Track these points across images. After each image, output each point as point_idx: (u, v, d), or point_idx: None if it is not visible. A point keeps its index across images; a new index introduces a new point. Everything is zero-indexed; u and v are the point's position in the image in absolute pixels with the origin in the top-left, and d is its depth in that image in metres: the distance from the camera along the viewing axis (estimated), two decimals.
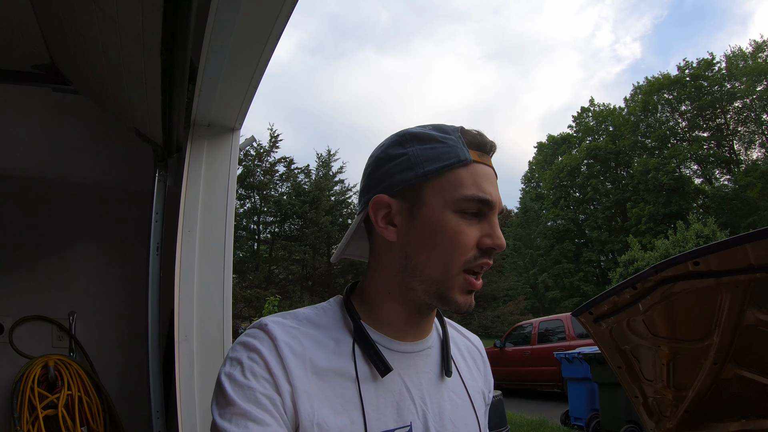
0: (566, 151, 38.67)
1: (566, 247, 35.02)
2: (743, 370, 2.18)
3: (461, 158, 0.89)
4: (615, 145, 35.09)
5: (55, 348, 2.52)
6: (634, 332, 2.43)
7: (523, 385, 12.85)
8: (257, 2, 1.40)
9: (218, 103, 1.99)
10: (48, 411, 2.19)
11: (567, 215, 37.09)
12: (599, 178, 36.11)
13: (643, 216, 31.95)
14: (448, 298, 0.88)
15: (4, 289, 2.55)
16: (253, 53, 1.66)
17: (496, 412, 6.35)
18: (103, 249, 2.68)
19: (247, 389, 0.79)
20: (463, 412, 0.97)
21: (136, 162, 2.38)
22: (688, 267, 2.04)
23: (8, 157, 2.57)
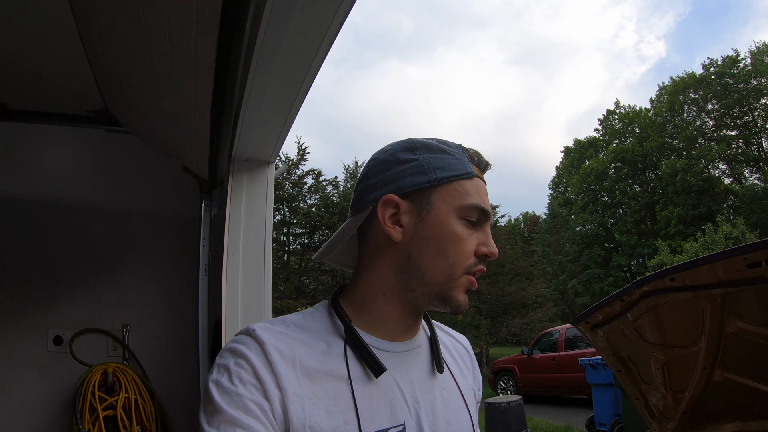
0: (593, 154, 38.22)
1: (596, 252, 34.51)
2: (732, 374, 2.32)
3: (468, 171, 0.96)
4: (642, 147, 34.52)
5: (110, 357, 2.79)
6: (629, 339, 2.59)
7: (551, 391, 12.90)
8: (294, 54, 1.56)
9: (255, 141, 2.25)
10: (107, 412, 2.46)
11: (596, 220, 36.53)
12: (627, 181, 35.55)
13: (672, 219, 31.35)
14: (449, 298, 0.93)
15: (63, 305, 2.83)
16: (288, 99, 1.87)
17: (517, 416, 6.52)
18: (153, 269, 2.97)
19: (235, 396, 0.80)
20: (455, 410, 1.00)
21: (183, 192, 2.65)
22: (666, 282, 2.21)
23: (66, 189, 2.87)
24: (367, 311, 0.96)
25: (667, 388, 2.60)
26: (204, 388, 0.84)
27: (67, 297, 2.85)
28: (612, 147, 36.69)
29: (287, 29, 1.37)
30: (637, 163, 35.04)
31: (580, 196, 38.15)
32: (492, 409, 7.53)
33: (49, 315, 2.80)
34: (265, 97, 1.82)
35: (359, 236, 1.02)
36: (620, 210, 36.30)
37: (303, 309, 4.58)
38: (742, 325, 2.16)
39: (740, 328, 2.17)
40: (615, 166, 36.43)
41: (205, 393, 0.83)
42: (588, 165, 37.78)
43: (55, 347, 2.76)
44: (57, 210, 2.84)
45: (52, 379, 2.68)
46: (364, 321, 0.95)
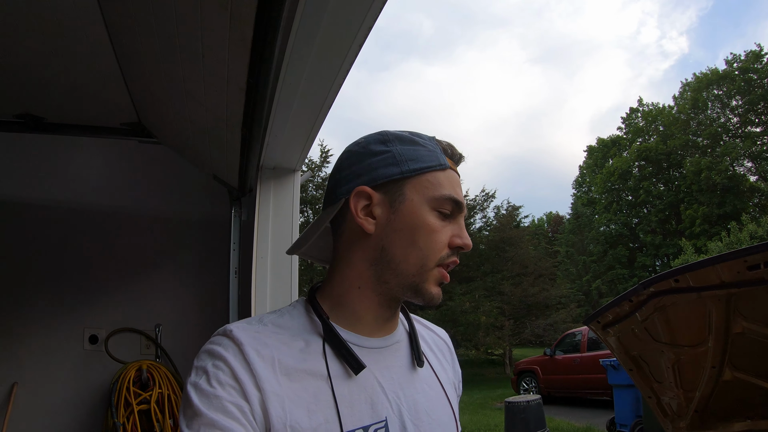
0: (616, 153, 37.78)
1: (620, 252, 34.10)
2: (740, 374, 2.37)
3: (441, 162, 0.95)
4: (666, 145, 33.90)
5: (143, 355, 2.95)
6: (639, 338, 2.64)
7: (573, 392, 12.84)
8: (318, 73, 1.63)
9: (282, 150, 2.35)
10: (141, 406, 2.60)
11: (620, 219, 36.07)
12: (651, 180, 35.01)
13: (697, 218, 30.81)
14: (422, 290, 0.92)
15: (99, 306, 2.99)
16: (313, 112, 1.95)
17: (536, 416, 6.57)
18: (184, 271, 3.11)
19: (214, 398, 0.79)
20: (437, 403, 0.99)
21: (213, 199, 2.78)
22: (671, 283, 2.28)
23: (101, 196, 3.03)
24: (343, 306, 0.95)
25: (678, 387, 2.63)
26: (183, 391, 0.84)
27: (103, 298, 3.02)
28: (635, 145, 36.12)
29: (311, 52, 1.46)
30: (661, 162, 34.49)
31: (603, 196, 37.66)
32: (511, 408, 7.59)
33: (85, 315, 2.96)
34: (292, 111, 1.91)
35: (333, 229, 1.01)
36: (644, 209, 35.78)
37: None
38: (747, 325, 2.22)
39: (746, 328, 2.23)
40: (639, 165, 35.86)
41: (184, 396, 0.82)
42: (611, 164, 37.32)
43: (91, 346, 2.91)
44: (92, 216, 3.00)
45: (87, 375, 2.85)
46: (342, 316, 0.94)
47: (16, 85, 2.12)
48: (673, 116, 34.96)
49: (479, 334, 22.64)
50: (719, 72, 32.71)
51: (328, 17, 1.32)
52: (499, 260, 25.37)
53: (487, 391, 17.87)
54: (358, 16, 1.32)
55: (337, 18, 1.33)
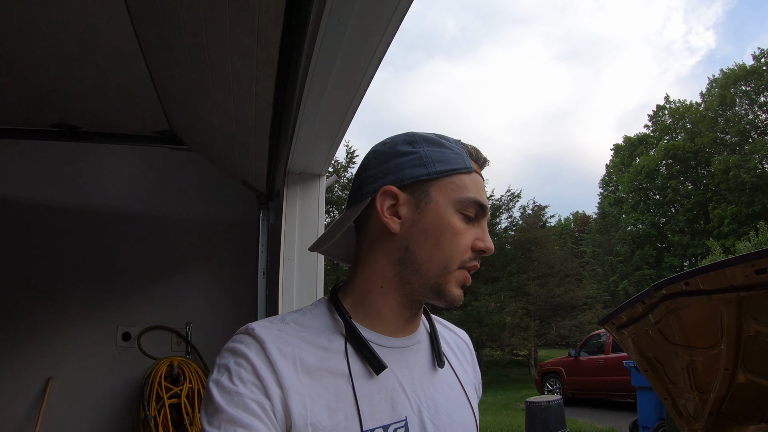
0: (644, 152, 37.16)
1: (647, 252, 33.50)
2: (754, 377, 2.36)
3: (467, 165, 0.95)
4: (693, 143, 33.12)
5: (174, 351, 3.09)
6: (653, 340, 2.66)
7: (597, 394, 12.76)
8: (340, 86, 1.70)
9: (308, 157, 2.45)
10: (172, 400, 2.73)
11: (647, 219, 35.42)
12: (679, 178, 34.23)
13: (725, 217, 30.11)
14: (444, 292, 0.92)
15: (132, 305, 3.14)
16: (336, 120, 2.04)
17: (556, 416, 6.59)
18: (214, 272, 3.24)
19: (235, 395, 0.79)
20: (457, 404, 0.99)
21: (242, 203, 2.89)
22: (681, 286, 2.30)
23: (134, 200, 3.19)
24: (365, 305, 0.95)
25: (692, 389, 2.63)
26: (205, 389, 0.84)
27: (135, 297, 3.17)
28: (663, 144, 35.35)
29: (334, 68, 1.55)
30: (689, 160, 33.72)
31: (630, 195, 36.96)
32: (532, 408, 7.61)
33: (118, 313, 3.11)
34: (317, 121, 2.01)
35: (357, 228, 1.01)
36: (672, 208, 35.06)
37: None
38: (759, 328, 2.21)
39: (758, 331, 2.23)
40: (666, 164, 35.12)
41: (206, 393, 0.83)
42: (638, 162, 36.70)
43: (123, 342, 3.06)
44: (126, 219, 3.15)
45: (120, 371, 2.99)
46: (363, 315, 0.95)
47: (53, 97, 2.27)
48: (701, 113, 34.17)
49: (504, 334, 22.55)
50: (747, 67, 31.93)
51: (348, 36, 1.41)
52: (524, 260, 25.24)
53: (512, 391, 17.83)
54: (376, 35, 1.41)
55: (357, 36, 1.41)
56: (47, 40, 1.74)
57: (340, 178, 24.89)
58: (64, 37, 1.73)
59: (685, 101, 36.44)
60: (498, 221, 26.63)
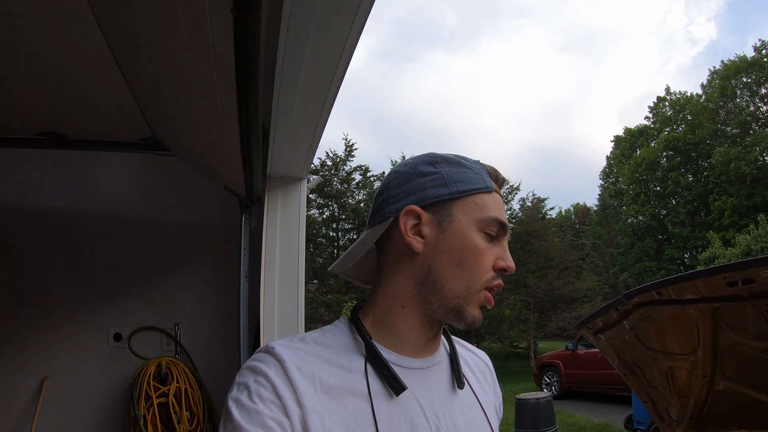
0: (644, 143, 37.03)
1: (647, 244, 33.26)
2: (733, 384, 2.36)
3: (488, 185, 0.96)
4: (694, 134, 32.98)
5: (164, 351, 3.15)
6: (631, 345, 2.65)
7: (594, 388, 12.84)
8: (310, 92, 1.70)
9: (286, 162, 2.50)
10: (160, 399, 2.80)
11: (648, 211, 35.33)
12: (680, 170, 34.15)
13: (726, 209, 30.02)
14: (464, 313, 0.92)
15: (123, 306, 3.20)
16: (310, 126, 2.05)
17: (545, 413, 6.66)
18: (201, 274, 3.30)
19: (255, 413, 0.80)
20: (478, 425, 0.99)
21: (226, 207, 2.94)
22: (653, 295, 2.28)
23: (122, 206, 3.25)
24: (386, 325, 0.96)
25: (672, 393, 2.63)
26: (224, 406, 0.84)
27: (126, 299, 3.23)
28: (663, 135, 35.29)
29: (299, 81, 1.59)
30: (690, 152, 33.62)
31: (631, 187, 36.86)
32: (521, 404, 7.70)
33: (110, 315, 3.18)
34: (290, 131, 2.05)
35: (377, 248, 1.01)
36: (673, 200, 34.98)
37: (349, 304, 4.98)
38: (736, 337, 2.22)
39: (735, 341, 2.23)
40: (667, 155, 35.00)
41: (225, 411, 0.84)
42: (639, 154, 36.60)
43: (115, 343, 3.13)
44: (114, 224, 3.22)
45: (112, 371, 3.06)
46: (384, 336, 0.95)
47: (40, 106, 2.34)
48: (702, 105, 34.02)
49: (503, 327, 22.66)
50: (748, 59, 31.78)
51: (310, 50, 1.44)
52: (524, 253, 25.26)
53: (511, 384, 17.91)
54: (334, 57, 1.46)
55: (319, 51, 1.45)
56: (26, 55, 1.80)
57: (339, 171, 24.94)
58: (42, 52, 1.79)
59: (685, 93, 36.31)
60: None
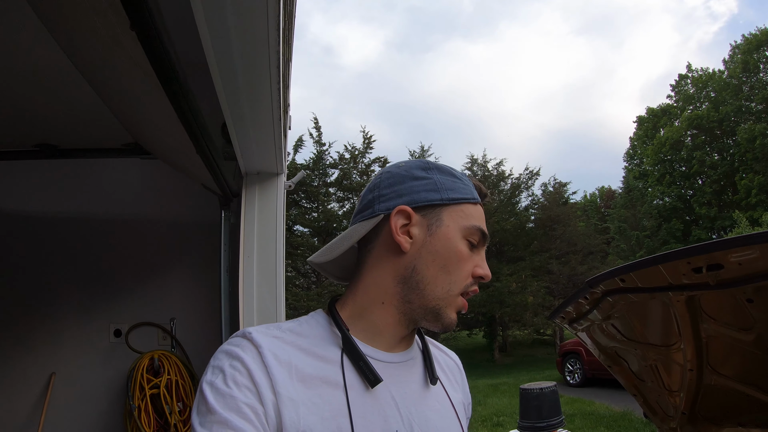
0: (667, 123, 36.27)
1: (674, 226, 32.63)
2: (724, 379, 2.21)
3: (475, 197, 1.03)
4: (718, 112, 32.17)
5: (161, 345, 3.33)
6: (610, 335, 2.51)
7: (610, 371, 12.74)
8: (251, 68, 1.62)
9: (258, 156, 2.56)
10: (153, 390, 2.97)
11: (673, 192, 34.62)
12: (704, 149, 33.41)
13: (753, 188, 29.28)
14: (442, 315, 0.96)
15: (121, 304, 3.38)
16: (266, 115, 2.00)
17: (549, 403, 6.63)
18: (192, 270, 3.45)
19: (229, 398, 0.80)
20: (448, 421, 1.02)
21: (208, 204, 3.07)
22: (617, 282, 2.11)
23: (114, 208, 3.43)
24: (364, 319, 0.98)
25: (661, 387, 2.49)
26: (198, 389, 0.84)
27: (124, 296, 3.40)
28: (686, 114, 34.50)
29: (237, 73, 1.62)
30: (714, 130, 32.78)
31: (656, 168, 36.15)
32: (526, 395, 7.69)
33: (110, 312, 3.34)
34: (249, 128, 2.09)
35: (360, 244, 1.03)
36: (699, 180, 34.32)
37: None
38: (720, 329, 2.03)
39: (719, 333, 2.04)
40: (691, 134, 34.31)
41: (198, 393, 0.84)
42: (662, 134, 35.86)
43: (115, 339, 3.30)
44: (109, 226, 3.40)
45: (113, 365, 3.24)
46: (361, 329, 0.97)
47: (32, 120, 2.51)
48: (724, 81, 33.10)
49: (527, 314, 22.54)
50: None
51: (239, 51, 1.51)
52: (546, 239, 25.09)
53: (535, 372, 17.89)
54: (263, 54, 1.52)
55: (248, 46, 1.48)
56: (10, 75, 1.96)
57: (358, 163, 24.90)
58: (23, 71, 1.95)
59: (707, 69, 35.35)
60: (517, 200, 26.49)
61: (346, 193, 25.23)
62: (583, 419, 9.84)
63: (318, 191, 23.80)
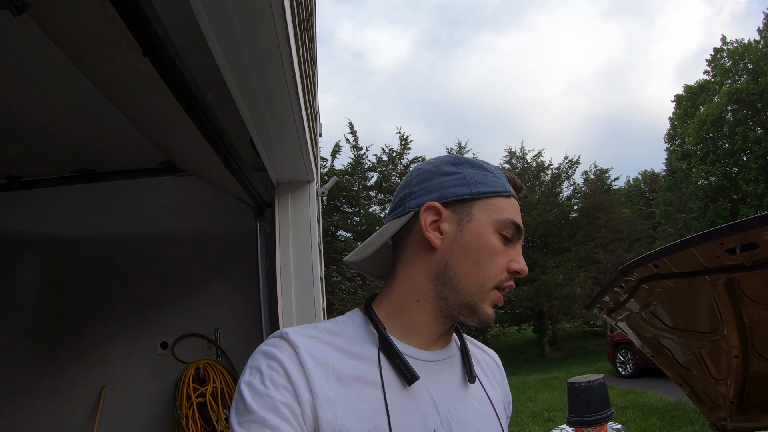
0: (706, 99, 35.11)
1: (721, 206, 31.60)
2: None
3: (507, 189, 0.99)
4: (757, 84, 30.83)
5: (206, 355, 3.43)
6: (649, 324, 2.44)
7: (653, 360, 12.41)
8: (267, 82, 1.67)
9: (288, 165, 2.63)
10: (199, 399, 3.06)
11: (718, 171, 33.53)
12: (747, 123, 32.06)
13: None
14: (478, 310, 0.94)
15: (166, 317, 3.51)
16: (289, 125, 2.04)
17: (598, 396, 6.48)
18: (231, 281, 3.55)
19: (267, 397, 0.80)
20: (487, 420, 1.00)
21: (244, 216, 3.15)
22: (651, 269, 2.04)
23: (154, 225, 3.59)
24: (400, 317, 0.97)
25: (707, 376, 2.41)
26: (236, 389, 0.86)
27: (169, 309, 3.53)
28: (725, 89, 33.23)
29: (256, 88, 1.70)
30: (755, 103, 31.43)
31: (698, 147, 35.03)
32: (573, 388, 7.56)
33: (156, 325, 3.48)
34: (274, 139, 2.16)
35: (395, 242, 1.04)
36: (743, 156, 33.10)
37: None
38: (763, 312, 1.93)
39: (763, 316, 1.94)
40: (731, 109, 33.03)
41: (237, 393, 0.85)
42: (702, 112, 34.75)
43: (162, 351, 3.41)
44: (151, 243, 3.54)
45: (161, 375, 3.36)
46: (397, 328, 0.96)
47: (68, 148, 2.63)
48: (762, 51, 31.75)
49: (575, 306, 22.18)
50: None
51: (254, 66, 1.56)
52: (591, 227, 24.65)
53: (587, 365, 17.58)
54: (277, 66, 1.57)
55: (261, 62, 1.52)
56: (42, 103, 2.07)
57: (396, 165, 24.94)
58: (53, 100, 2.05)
59: (743, 40, 33.96)
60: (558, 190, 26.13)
61: (386, 196, 25.26)
62: (635, 411, 9.65)
63: (358, 195, 23.92)
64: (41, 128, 2.31)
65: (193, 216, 3.52)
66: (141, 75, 1.29)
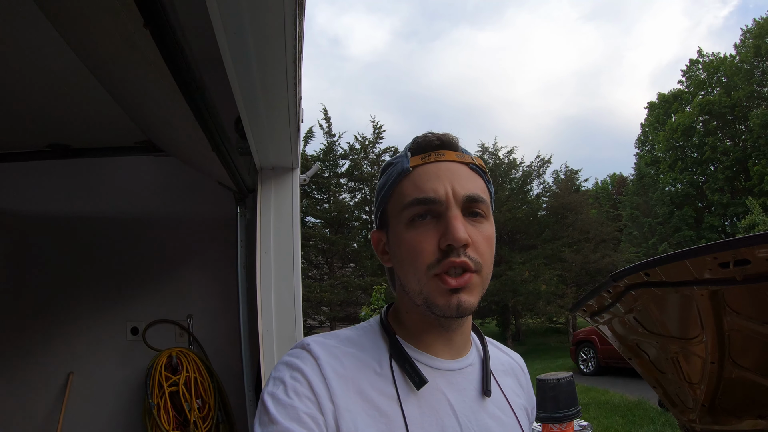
0: (679, 109, 35.69)
1: (687, 213, 32.25)
2: (746, 372, 2.17)
3: (400, 170, 0.95)
4: (730, 97, 31.51)
5: (178, 342, 3.32)
6: (632, 328, 2.48)
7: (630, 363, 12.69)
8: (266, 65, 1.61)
9: (273, 151, 2.55)
10: (171, 388, 2.96)
11: (685, 178, 34.09)
12: (717, 135, 32.71)
13: (766, 174, 28.81)
14: (432, 304, 0.90)
15: (138, 301, 3.38)
16: (281, 110, 2.00)
17: (566, 393, 6.61)
18: (208, 267, 3.44)
19: (290, 408, 0.81)
20: (509, 429, 0.99)
21: (223, 200, 3.05)
22: (642, 277, 2.08)
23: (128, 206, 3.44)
24: (404, 325, 0.99)
25: (681, 380, 2.46)
26: (260, 400, 0.86)
27: (141, 294, 3.40)
28: (698, 99, 33.83)
29: (253, 70, 1.61)
30: (726, 115, 32.14)
31: (668, 154, 35.60)
32: (542, 385, 7.65)
33: (126, 311, 3.34)
34: (264, 123, 2.10)
35: None
36: (711, 166, 33.83)
37: (379, 287, 5.10)
38: (743, 323, 2.00)
39: (743, 326, 2.01)
40: (702, 120, 33.65)
41: (260, 405, 0.85)
42: (674, 120, 35.32)
43: (132, 337, 3.30)
44: (123, 224, 3.39)
45: (130, 363, 3.24)
46: (408, 334, 0.97)
47: (42, 121, 2.49)
48: (736, 66, 32.47)
49: (540, 303, 22.55)
50: None
51: (255, 48, 1.49)
52: (558, 226, 25.08)
53: (549, 360, 17.89)
54: (279, 49, 1.51)
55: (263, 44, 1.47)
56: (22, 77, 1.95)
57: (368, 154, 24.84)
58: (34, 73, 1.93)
59: (718, 54, 34.71)
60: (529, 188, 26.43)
61: (357, 184, 25.23)
62: (597, 408, 9.82)
63: (329, 182, 23.81)
64: (14, 98, 2.18)
65: (170, 198, 3.40)
66: (136, 47, 1.21)
